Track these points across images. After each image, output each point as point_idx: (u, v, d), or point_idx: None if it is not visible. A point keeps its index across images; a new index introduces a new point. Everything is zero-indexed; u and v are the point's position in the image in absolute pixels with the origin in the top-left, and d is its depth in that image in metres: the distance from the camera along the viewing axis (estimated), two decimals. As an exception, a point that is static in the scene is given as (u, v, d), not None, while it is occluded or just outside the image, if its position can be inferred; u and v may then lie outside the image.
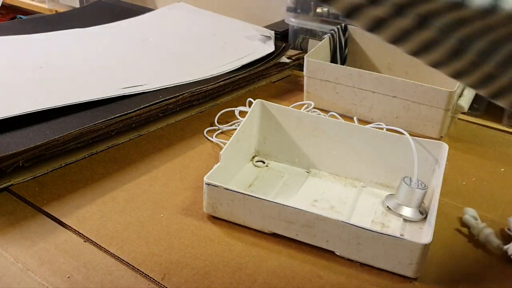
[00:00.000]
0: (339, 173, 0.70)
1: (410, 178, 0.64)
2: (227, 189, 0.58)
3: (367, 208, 0.65)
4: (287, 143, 0.72)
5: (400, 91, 0.83)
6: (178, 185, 0.68)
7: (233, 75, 0.93)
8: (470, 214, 0.63)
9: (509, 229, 0.62)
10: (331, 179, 0.70)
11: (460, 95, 0.86)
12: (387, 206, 0.64)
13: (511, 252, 0.58)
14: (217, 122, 0.84)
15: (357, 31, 1.00)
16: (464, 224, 0.64)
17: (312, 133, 0.70)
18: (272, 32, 1.09)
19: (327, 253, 0.57)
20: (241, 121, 0.84)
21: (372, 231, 0.53)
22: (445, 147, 0.66)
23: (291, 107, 0.84)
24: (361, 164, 0.69)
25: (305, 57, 0.90)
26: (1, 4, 1.52)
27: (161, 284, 0.52)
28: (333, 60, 0.99)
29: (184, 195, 0.66)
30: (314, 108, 0.80)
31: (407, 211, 0.63)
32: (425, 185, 0.63)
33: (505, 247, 0.58)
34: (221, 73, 0.93)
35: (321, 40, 0.97)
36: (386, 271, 0.55)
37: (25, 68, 0.88)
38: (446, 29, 0.37)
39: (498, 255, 0.59)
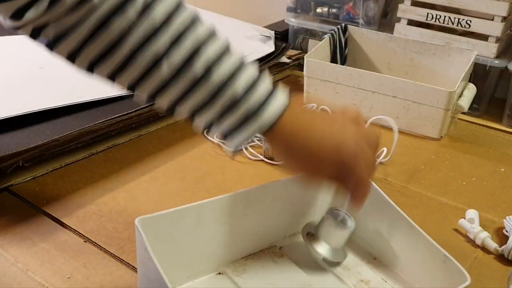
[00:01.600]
0: (256, 248, 0.57)
1: (337, 211, 0.53)
2: None
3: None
4: (182, 254, 0.52)
5: (400, 91, 0.83)
6: (178, 185, 0.68)
7: (233, 75, 0.92)
8: (470, 216, 0.63)
9: (505, 230, 0.62)
10: (252, 262, 0.56)
11: (460, 95, 0.86)
12: (308, 237, 0.54)
13: (507, 254, 0.58)
14: (217, 122, 0.83)
15: (357, 31, 1.00)
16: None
17: (213, 224, 0.53)
18: (272, 32, 1.09)
19: None
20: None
21: None
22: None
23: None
24: (273, 225, 0.58)
25: (305, 57, 0.90)
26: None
27: (161, 284, 0.52)
28: (333, 60, 0.98)
29: (184, 195, 0.66)
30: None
31: (328, 251, 0.53)
32: (353, 222, 0.53)
33: (501, 248, 0.59)
34: (221, 73, 0.92)
35: (321, 40, 0.97)
36: None
37: (25, 68, 0.88)
38: None
39: (497, 255, 0.59)
